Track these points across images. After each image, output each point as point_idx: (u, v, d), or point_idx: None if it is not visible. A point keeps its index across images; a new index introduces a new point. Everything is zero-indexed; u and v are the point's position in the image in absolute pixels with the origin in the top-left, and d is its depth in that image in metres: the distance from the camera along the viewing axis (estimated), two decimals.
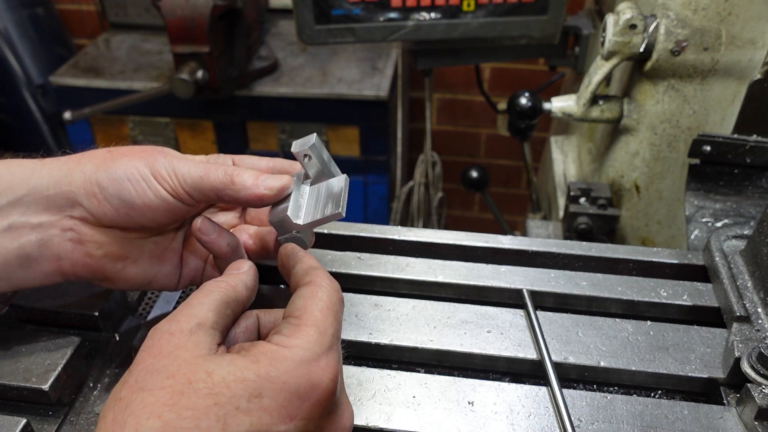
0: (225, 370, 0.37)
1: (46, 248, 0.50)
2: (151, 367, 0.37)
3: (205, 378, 0.36)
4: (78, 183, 0.49)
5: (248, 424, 0.35)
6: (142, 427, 0.34)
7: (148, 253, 0.55)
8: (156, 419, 0.34)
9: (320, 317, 0.42)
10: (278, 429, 0.36)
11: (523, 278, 0.67)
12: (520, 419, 0.53)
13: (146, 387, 0.36)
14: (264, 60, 1.98)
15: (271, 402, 0.36)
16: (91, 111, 1.90)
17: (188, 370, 0.37)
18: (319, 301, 0.43)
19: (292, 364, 0.38)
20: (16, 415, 0.51)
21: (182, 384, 0.36)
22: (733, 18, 0.84)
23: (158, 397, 0.35)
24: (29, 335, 0.57)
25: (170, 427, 0.34)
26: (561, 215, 1.14)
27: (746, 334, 0.58)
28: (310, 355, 0.39)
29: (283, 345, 0.39)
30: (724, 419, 0.53)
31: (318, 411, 0.39)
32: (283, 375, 0.37)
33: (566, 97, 1.02)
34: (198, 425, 0.34)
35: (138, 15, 2.24)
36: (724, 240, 0.69)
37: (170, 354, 0.38)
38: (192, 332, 0.40)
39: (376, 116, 1.94)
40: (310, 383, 0.38)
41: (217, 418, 0.35)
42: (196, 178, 0.50)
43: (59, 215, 0.50)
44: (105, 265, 0.52)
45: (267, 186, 0.50)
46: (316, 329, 0.41)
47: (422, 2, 1.08)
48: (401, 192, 2.03)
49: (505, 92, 1.92)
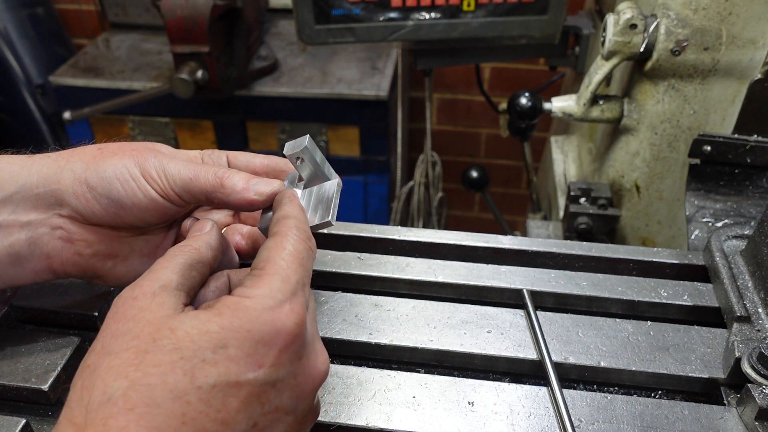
0: (188, 324, 0.37)
1: (36, 246, 0.50)
2: (115, 331, 0.38)
3: (169, 334, 0.36)
4: (67, 182, 0.49)
5: (216, 375, 0.35)
6: (110, 388, 0.34)
7: (139, 252, 0.54)
8: (123, 379, 0.34)
9: (284, 266, 0.41)
10: (247, 377, 0.36)
11: (523, 278, 0.67)
12: (521, 419, 0.53)
13: (112, 350, 0.36)
14: (264, 60, 1.98)
15: (237, 351, 0.36)
16: (90, 111, 1.90)
17: (152, 329, 0.37)
18: (283, 250, 0.43)
19: (254, 312, 0.38)
20: (16, 415, 0.51)
21: (146, 343, 0.36)
22: (733, 18, 0.84)
23: (124, 358, 0.35)
24: (29, 335, 0.57)
25: (137, 385, 0.34)
26: (561, 215, 1.14)
27: (747, 334, 0.58)
28: (272, 303, 0.39)
29: (244, 295, 0.39)
30: (724, 419, 0.53)
31: (286, 356, 0.38)
32: (246, 324, 0.37)
33: (566, 97, 1.02)
34: (165, 380, 0.35)
35: (138, 15, 2.24)
36: (725, 240, 0.69)
37: (134, 317, 0.38)
38: (155, 294, 0.39)
39: (376, 116, 1.94)
40: (274, 329, 0.38)
41: (183, 372, 0.35)
42: (186, 180, 0.49)
43: (48, 213, 0.50)
44: (95, 264, 0.52)
45: (257, 191, 0.50)
46: (278, 277, 0.41)
47: (422, 2, 1.08)
48: (401, 192, 2.02)
49: (505, 92, 1.92)
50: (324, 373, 0.42)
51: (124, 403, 0.34)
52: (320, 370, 0.42)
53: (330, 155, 2.05)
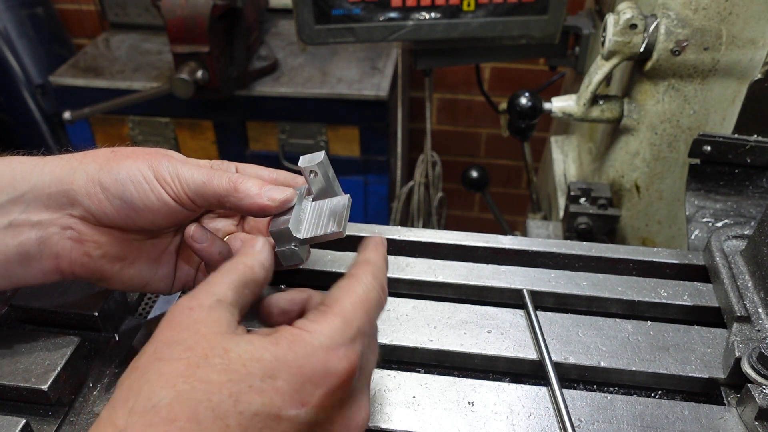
0: (242, 348, 0.37)
1: (46, 246, 0.50)
2: (170, 338, 0.38)
3: (222, 354, 0.36)
4: (80, 182, 0.49)
5: (259, 404, 0.35)
6: (156, 395, 0.34)
7: (146, 256, 0.54)
8: (170, 389, 0.35)
9: (349, 309, 0.41)
10: (288, 413, 0.36)
11: (523, 278, 0.67)
12: (521, 419, 0.53)
13: (163, 357, 0.36)
14: (264, 60, 1.98)
15: (285, 384, 0.36)
16: (90, 111, 1.90)
17: (206, 345, 0.37)
18: (353, 294, 0.42)
19: (310, 349, 0.38)
20: (16, 415, 0.51)
21: (199, 357, 0.36)
22: (733, 18, 0.84)
23: (174, 367, 0.36)
24: (29, 335, 0.57)
25: (183, 397, 0.34)
26: (561, 215, 1.14)
27: (747, 334, 0.58)
28: (329, 343, 0.39)
29: (305, 329, 0.39)
30: (724, 419, 0.53)
31: (330, 401, 0.38)
32: (300, 359, 0.37)
33: (566, 97, 1.02)
34: (210, 398, 0.35)
35: (138, 15, 2.24)
36: (725, 240, 0.69)
37: (189, 328, 0.38)
38: (212, 308, 0.40)
39: (376, 116, 1.94)
40: (325, 370, 0.38)
41: (229, 394, 0.35)
42: (199, 184, 0.50)
43: (59, 213, 0.50)
44: (103, 266, 0.52)
45: (270, 197, 0.50)
46: (342, 319, 0.40)
47: (422, 2, 1.08)
48: (401, 192, 2.02)
49: (505, 92, 1.91)
50: (361, 428, 0.42)
51: (167, 414, 0.34)
52: (358, 424, 0.42)
53: (330, 155, 2.03)
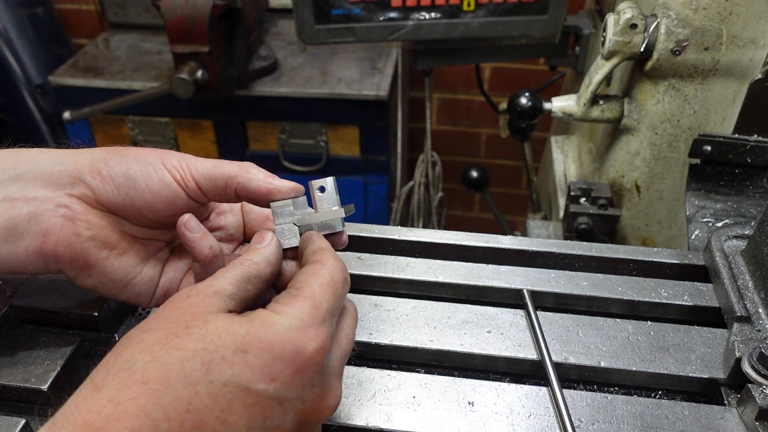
0: (220, 321, 0.39)
1: (35, 222, 0.49)
2: (159, 315, 0.40)
3: (201, 325, 0.38)
4: (85, 162, 0.50)
5: (229, 375, 0.37)
6: (134, 359, 0.37)
7: (135, 252, 0.54)
8: (147, 354, 0.37)
9: (318, 291, 0.43)
10: (257, 386, 0.38)
11: (524, 278, 0.66)
12: (521, 419, 0.53)
13: (149, 328, 0.39)
14: (264, 60, 1.98)
15: (255, 359, 0.38)
16: (90, 111, 1.90)
17: (188, 318, 0.39)
18: (320, 277, 0.44)
19: (280, 328, 0.39)
20: (15, 415, 0.51)
21: (179, 327, 0.38)
22: (733, 17, 0.84)
23: (155, 336, 0.38)
24: (29, 335, 0.57)
25: (158, 362, 0.36)
26: (561, 215, 1.14)
27: (747, 334, 0.58)
28: (299, 324, 0.40)
29: (276, 311, 0.41)
30: (724, 420, 0.53)
31: (300, 379, 0.39)
32: (270, 336, 0.39)
33: (566, 97, 1.02)
34: (183, 365, 0.36)
35: (137, 15, 2.24)
36: (725, 240, 0.69)
37: (180, 307, 0.40)
38: (208, 296, 0.41)
39: (376, 116, 1.94)
40: (294, 349, 0.39)
41: (201, 363, 0.37)
42: (208, 167, 0.51)
43: (57, 192, 0.50)
44: (89, 249, 0.51)
45: (279, 183, 0.51)
46: (311, 302, 0.42)
47: (422, 2, 1.08)
48: (401, 192, 2.02)
49: (505, 92, 1.92)
50: (332, 410, 0.43)
51: (141, 375, 0.36)
52: (329, 405, 0.42)
53: (330, 155, 2.05)
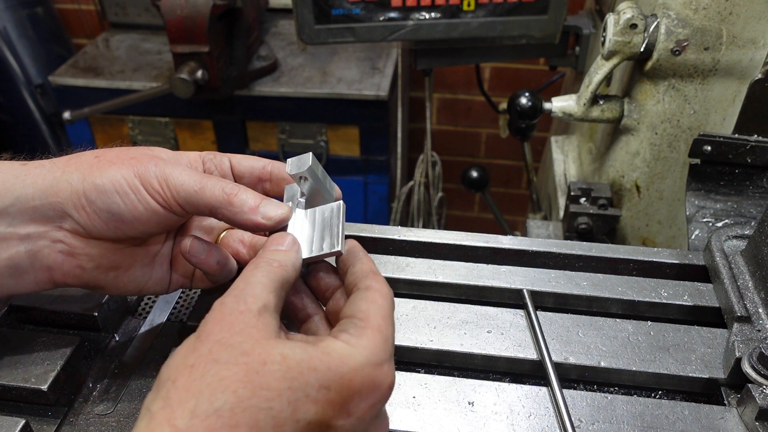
0: (299, 356, 0.38)
1: (36, 259, 0.49)
2: (224, 340, 0.38)
3: (280, 360, 0.37)
4: (65, 194, 0.48)
5: (314, 413, 0.37)
6: (217, 399, 0.35)
7: (140, 262, 0.54)
8: (231, 394, 0.35)
9: (383, 324, 0.42)
10: (336, 423, 0.38)
11: (524, 278, 0.66)
12: (521, 419, 0.53)
13: (220, 359, 0.37)
14: (264, 60, 1.98)
15: (337, 396, 0.38)
16: (90, 111, 1.90)
17: (262, 351, 0.37)
18: (380, 308, 0.43)
19: (358, 364, 0.39)
20: (15, 415, 0.51)
21: (257, 363, 0.37)
22: (733, 17, 0.84)
23: (233, 372, 0.36)
24: (29, 336, 0.57)
25: (245, 404, 0.35)
26: (561, 215, 1.14)
27: (747, 334, 0.58)
28: (375, 359, 0.40)
29: (351, 344, 0.40)
30: (724, 420, 0.53)
31: (371, 412, 0.40)
32: (350, 373, 0.39)
33: (566, 97, 1.02)
34: (271, 406, 0.35)
35: (137, 15, 2.24)
36: (725, 240, 0.69)
37: (242, 332, 0.38)
38: (260, 313, 0.40)
39: (376, 116, 1.94)
40: (372, 385, 0.39)
41: (288, 402, 0.36)
42: (191, 192, 0.48)
43: (48, 226, 0.49)
44: (97, 276, 0.52)
45: (266, 215, 0.49)
46: (381, 336, 0.42)
47: (422, 2, 1.08)
48: (401, 192, 2.02)
49: (505, 92, 1.91)
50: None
51: (229, 419, 0.34)
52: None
53: (330, 155, 2.05)
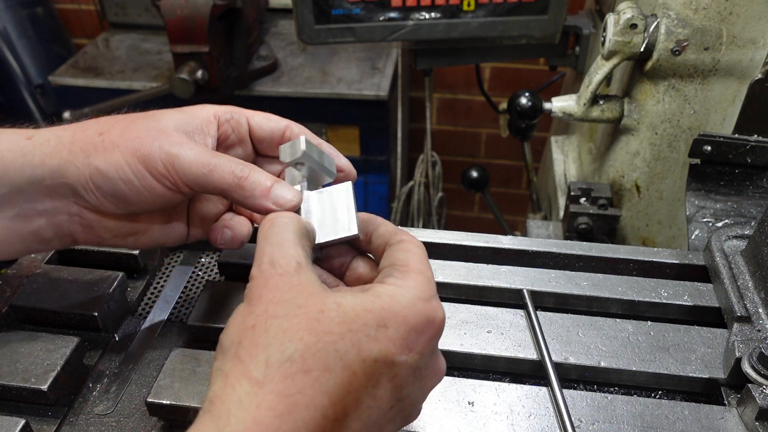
0: (352, 301, 0.39)
1: (59, 230, 0.51)
2: (275, 299, 0.38)
3: (336, 308, 0.38)
4: (73, 177, 0.48)
5: (377, 351, 0.38)
6: (287, 348, 0.36)
7: (157, 224, 0.55)
8: (298, 341, 0.36)
9: (423, 267, 0.44)
10: (400, 358, 0.39)
11: (524, 278, 0.66)
12: (521, 419, 0.53)
13: (279, 315, 0.37)
14: (264, 60, 1.98)
15: (395, 333, 0.39)
16: (90, 111, 1.90)
17: (317, 301, 0.38)
18: (417, 255, 0.45)
19: (410, 301, 0.40)
20: (16, 415, 0.51)
21: (315, 312, 0.38)
22: (733, 17, 0.84)
23: (295, 323, 0.37)
24: (29, 335, 0.57)
25: (312, 349, 0.36)
26: (561, 215, 1.14)
27: (747, 334, 0.58)
28: (424, 295, 0.41)
29: (398, 285, 0.42)
30: (724, 420, 0.53)
31: (429, 347, 0.41)
32: (404, 310, 0.40)
33: (566, 97, 1.02)
34: (336, 348, 0.37)
35: (137, 15, 2.24)
36: (725, 240, 0.69)
37: (291, 289, 0.39)
38: (297, 272, 0.40)
39: (376, 116, 1.94)
40: (426, 319, 0.40)
41: (352, 344, 0.37)
42: (199, 176, 0.48)
43: (64, 201, 0.50)
44: (117, 242, 0.54)
45: (277, 201, 0.48)
46: (424, 276, 0.43)
47: (422, 2, 1.08)
48: (401, 192, 2.02)
49: (505, 92, 1.91)
50: (443, 375, 0.44)
51: (302, 365, 0.36)
52: (442, 371, 0.44)
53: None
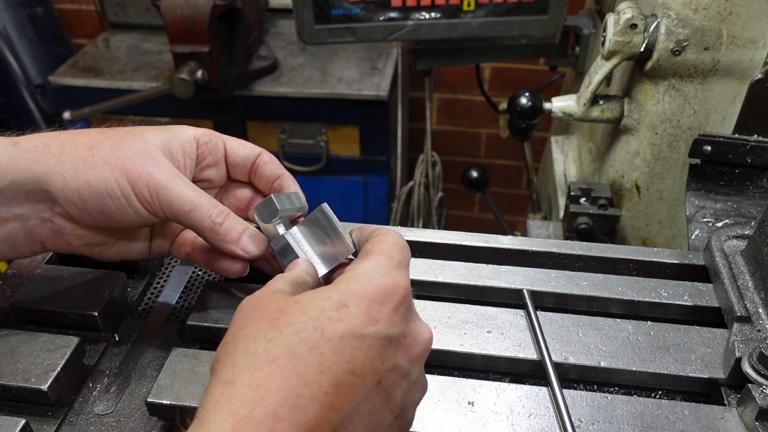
0: (311, 295, 0.42)
1: (30, 235, 0.53)
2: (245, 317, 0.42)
3: (294, 305, 0.41)
4: (58, 186, 0.49)
5: (341, 329, 0.39)
6: (251, 347, 0.38)
7: (124, 238, 0.57)
8: (261, 340, 0.38)
9: (386, 249, 0.46)
10: (367, 330, 0.40)
11: (524, 278, 0.66)
12: (521, 419, 0.53)
13: (246, 325, 0.40)
14: (264, 60, 1.98)
15: (357, 309, 0.40)
16: (90, 111, 1.90)
17: (279, 304, 0.41)
18: (384, 242, 0.47)
19: (367, 277, 0.42)
20: (16, 415, 0.51)
21: (276, 312, 0.40)
22: (733, 17, 0.84)
23: (258, 326, 0.40)
24: (29, 335, 0.57)
25: (275, 341, 0.38)
26: (561, 215, 1.14)
27: (747, 334, 0.58)
28: (381, 270, 0.43)
29: (355, 268, 0.44)
30: (724, 420, 0.53)
31: (397, 315, 0.42)
32: (362, 286, 0.42)
33: (566, 97, 1.02)
34: (299, 336, 0.38)
35: (137, 15, 2.24)
36: (725, 240, 0.69)
37: (259, 305, 0.42)
38: (273, 293, 0.44)
39: (376, 116, 1.94)
40: (385, 290, 0.42)
41: (314, 328, 0.39)
42: (180, 212, 0.51)
43: (40, 206, 0.51)
44: (83, 250, 0.55)
45: (245, 249, 0.53)
46: (384, 255, 0.45)
47: (422, 2, 1.08)
48: (401, 192, 2.02)
49: (505, 92, 1.91)
50: (428, 341, 0.45)
51: (266, 357, 0.37)
52: (425, 337, 0.44)
53: (330, 155, 2.05)
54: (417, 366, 0.44)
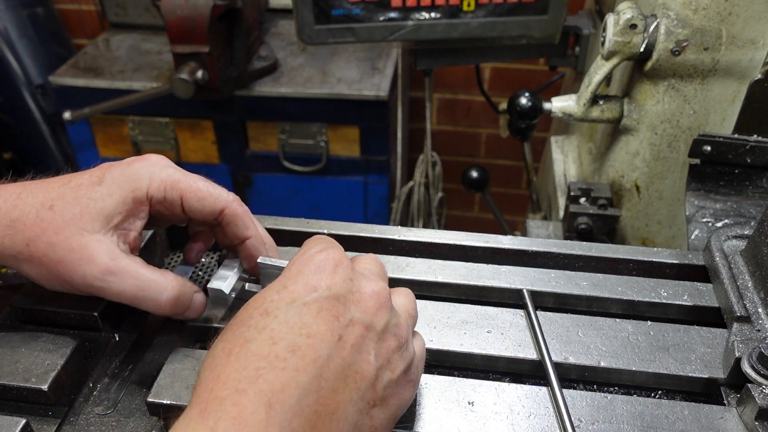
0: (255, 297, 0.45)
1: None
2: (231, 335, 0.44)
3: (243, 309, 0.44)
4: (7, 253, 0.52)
5: (284, 303, 0.43)
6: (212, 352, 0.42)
7: None
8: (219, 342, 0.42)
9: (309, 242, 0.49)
10: (310, 296, 0.43)
11: (523, 278, 0.67)
12: (521, 419, 0.53)
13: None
14: (264, 60, 1.98)
15: (295, 286, 0.44)
16: (90, 111, 1.90)
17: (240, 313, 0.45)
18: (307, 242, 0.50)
19: (299, 261, 0.46)
20: (16, 415, 0.51)
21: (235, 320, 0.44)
22: (733, 18, 0.84)
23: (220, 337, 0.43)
24: (29, 335, 0.57)
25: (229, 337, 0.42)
26: (561, 215, 1.14)
27: (747, 334, 0.58)
28: (312, 252, 0.46)
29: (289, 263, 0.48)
30: (724, 419, 0.53)
31: (338, 278, 0.45)
32: (296, 267, 0.45)
33: (566, 97, 1.02)
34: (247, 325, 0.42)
35: (138, 15, 2.24)
36: (725, 240, 0.69)
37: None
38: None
39: (376, 116, 1.94)
40: (318, 262, 0.45)
41: (260, 314, 0.42)
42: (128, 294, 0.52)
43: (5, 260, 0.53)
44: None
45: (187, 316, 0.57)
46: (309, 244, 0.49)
47: (422, 2, 1.08)
48: (401, 192, 2.02)
49: (505, 92, 1.91)
50: (375, 292, 0.46)
51: (222, 351, 0.41)
52: (374, 290, 0.46)
53: (330, 155, 2.05)
54: (379, 316, 0.45)
